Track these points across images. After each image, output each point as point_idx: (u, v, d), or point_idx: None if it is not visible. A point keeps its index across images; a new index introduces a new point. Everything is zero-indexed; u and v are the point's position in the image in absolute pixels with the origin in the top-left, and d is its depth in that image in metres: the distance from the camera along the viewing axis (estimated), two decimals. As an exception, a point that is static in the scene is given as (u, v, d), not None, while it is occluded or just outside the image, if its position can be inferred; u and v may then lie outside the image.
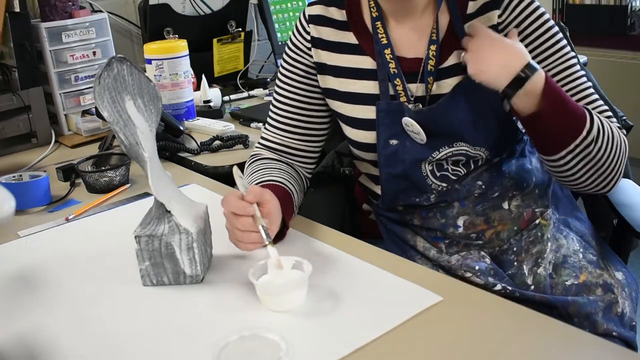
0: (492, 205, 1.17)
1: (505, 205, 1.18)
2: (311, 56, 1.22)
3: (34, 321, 0.92)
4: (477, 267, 1.13)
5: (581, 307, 1.10)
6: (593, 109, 1.10)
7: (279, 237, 1.08)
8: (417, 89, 1.15)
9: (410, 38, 1.16)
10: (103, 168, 1.42)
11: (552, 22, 1.11)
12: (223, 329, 0.86)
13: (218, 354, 0.80)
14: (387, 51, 1.15)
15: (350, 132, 1.21)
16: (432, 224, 1.19)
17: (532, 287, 1.14)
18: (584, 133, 1.03)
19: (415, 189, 1.17)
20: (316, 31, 1.21)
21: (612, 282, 1.15)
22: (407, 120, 1.12)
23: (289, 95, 1.25)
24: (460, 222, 1.18)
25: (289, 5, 2.23)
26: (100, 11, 1.88)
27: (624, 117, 1.48)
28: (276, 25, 2.19)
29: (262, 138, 1.29)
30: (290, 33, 1.27)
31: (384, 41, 1.15)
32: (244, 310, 0.91)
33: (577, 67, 1.12)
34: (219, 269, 1.03)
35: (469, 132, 1.11)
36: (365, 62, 1.18)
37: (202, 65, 2.03)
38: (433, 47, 1.13)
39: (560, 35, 1.11)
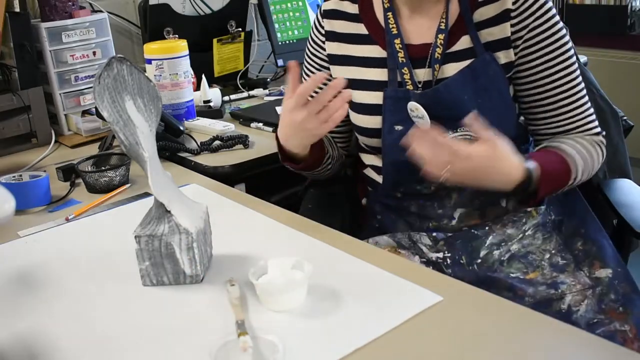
0: (490, 201, 1.18)
1: (503, 203, 1.19)
2: (324, 49, 1.29)
3: (34, 321, 0.92)
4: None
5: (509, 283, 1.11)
6: (581, 119, 1.18)
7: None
8: (424, 74, 1.19)
9: (420, 27, 1.20)
10: (103, 168, 1.42)
11: (559, 20, 1.17)
12: (223, 329, 0.86)
13: (215, 353, 0.80)
14: (397, 41, 1.19)
15: (356, 118, 1.25)
16: (428, 212, 1.21)
17: (479, 260, 1.15)
18: (569, 183, 1.15)
19: (417, 176, 1.18)
20: (330, 25, 1.28)
21: (568, 281, 1.12)
22: (412, 105, 1.15)
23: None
24: (456, 214, 1.19)
25: (289, 5, 2.23)
26: (100, 11, 1.88)
27: (625, 117, 1.48)
28: (276, 25, 2.19)
29: None
30: (310, 30, 1.36)
31: (394, 31, 1.20)
32: (243, 311, 0.91)
33: (577, 71, 1.17)
34: (219, 269, 1.03)
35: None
36: (374, 51, 1.23)
37: (202, 65, 2.03)
38: (441, 36, 1.17)
39: (565, 34, 1.17)
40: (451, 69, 1.16)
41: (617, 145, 1.45)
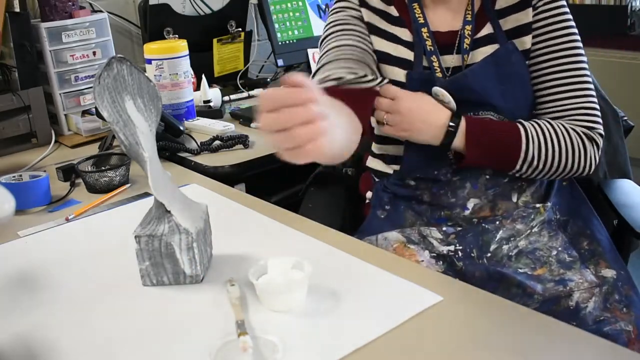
0: (502, 193, 1.19)
1: (514, 198, 1.20)
2: (361, 12, 1.26)
3: (34, 321, 0.92)
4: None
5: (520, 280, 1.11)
6: (575, 109, 1.19)
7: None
8: (452, 60, 1.21)
9: (445, 16, 1.23)
10: (103, 168, 1.42)
11: (568, 12, 1.21)
12: (222, 329, 0.86)
13: (215, 353, 0.80)
14: (424, 29, 1.21)
15: None
16: (441, 201, 1.21)
17: (489, 254, 1.16)
18: (523, 150, 1.14)
19: (436, 160, 1.19)
20: None
21: (576, 279, 1.12)
22: (437, 90, 1.17)
23: (346, 34, 1.24)
24: (470, 204, 1.19)
25: (289, 5, 2.23)
26: (100, 11, 1.88)
27: (625, 118, 1.48)
28: (276, 25, 2.19)
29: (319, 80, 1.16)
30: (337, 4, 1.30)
31: (421, 20, 1.22)
32: (243, 310, 0.91)
33: (582, 63, 1.20)
34: (219, 269, 1.03)
35: (498, 100, 1.16)
36: (404, 34, 1.24)
37: (202, 65, 2.03)
38: (468, 27, 1.20)
39: (574, 26, 1.21)
40: (479, 55, 1.20)
41: (617, 146, 1.45)
